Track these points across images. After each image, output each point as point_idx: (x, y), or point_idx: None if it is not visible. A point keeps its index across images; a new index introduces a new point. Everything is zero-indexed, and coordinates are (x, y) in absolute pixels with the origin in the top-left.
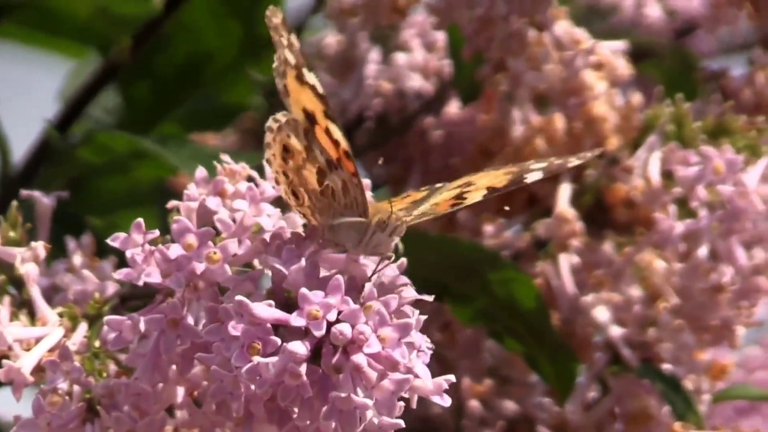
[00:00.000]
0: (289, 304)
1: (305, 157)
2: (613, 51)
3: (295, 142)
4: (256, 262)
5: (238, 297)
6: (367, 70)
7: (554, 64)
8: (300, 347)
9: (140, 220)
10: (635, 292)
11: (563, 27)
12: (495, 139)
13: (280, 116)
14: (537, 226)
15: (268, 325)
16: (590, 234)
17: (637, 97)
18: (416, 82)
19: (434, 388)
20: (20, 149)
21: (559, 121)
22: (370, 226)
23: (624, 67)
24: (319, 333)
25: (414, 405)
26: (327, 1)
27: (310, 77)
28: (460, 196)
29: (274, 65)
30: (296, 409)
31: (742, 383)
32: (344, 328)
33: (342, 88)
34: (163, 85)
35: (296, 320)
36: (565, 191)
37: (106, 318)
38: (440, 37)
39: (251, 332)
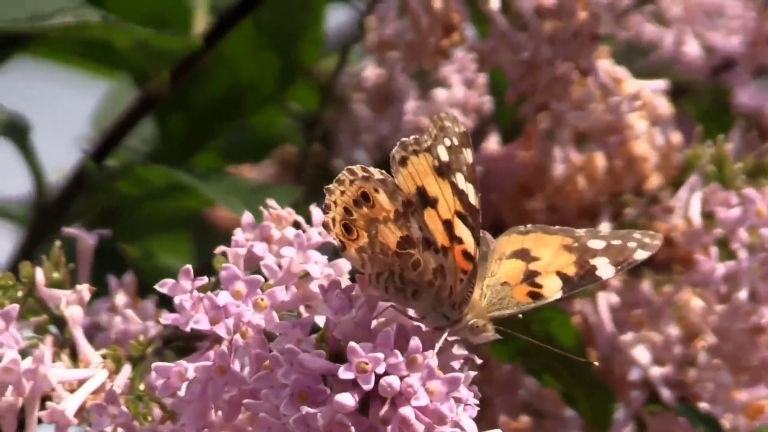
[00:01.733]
0: (340, 352)
1: (391, 218)
2: (653, 90)
3: (383, 199)
4: (301, 309)
5: (289, 345)
6: (406, 106)
7: (597, 104)
8: (348, 399)
9: (189, 267)
10: (673, 331)
11: (605, 65)
12: (535, 177)
13: (377, 172)
14: None
15: (319, 375)
16: (629, 273)
17: (676, 137)
18: None
19: None
20: (51, 165)
21: (599, 160)
22: (462, 322)
23: (665, 107)
24: (367, 387)
25: None
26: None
27: (466, 186)
28: (531, 281)
29: (406, 139)
30: None
31: None
32: (392, 380)
33: (380, 121)
34: (200, 117)
35: (344, 373)
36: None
37: (153, 365)
38: (481, 73)
39: (301, 381)
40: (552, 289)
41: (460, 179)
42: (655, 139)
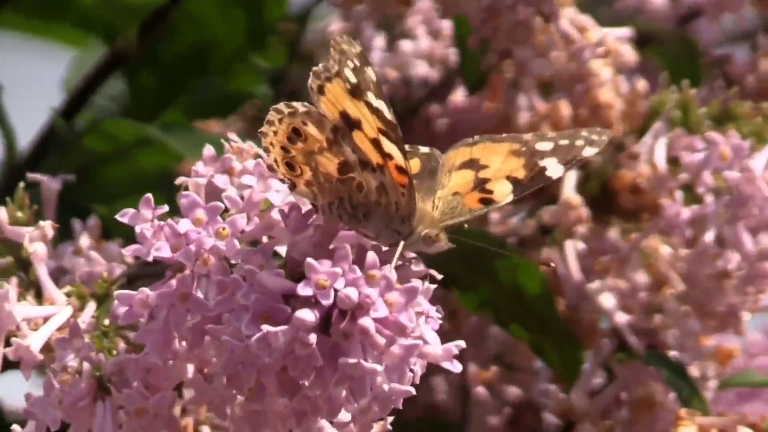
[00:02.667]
0: (300, 275)
1: (325, 146)
2: (618, 38)
3: (312, 131)
4: (264, 239)
5: (248, 267)
6: (372, 58)
7: (560, 52)
8: (309, 315)
9: (149, 195)
10: (641, 278)
11: (569, 14)
12: (501, 127)
13: (299, 105)
14: (542, 213)
15: (279, 295)
16: (596, 220)
17: (642, 84)
18: (422, 69)
19: (444, 354)
20: (23, 138)
21: (564, 108)
22: (414, 234)
23: (629, 54)
24: (326, 302)
25: (422, 371)
26: None
27: (378, 103)
28: (482, 188)
29: (317, 68)
30: (306, 379)
31: (745, 369)
32: (351, 292)
33: None
34: (169, 73)
35: (303, 289)
36: (570, 178)
37: (116, 293)
38: (446, 25)
39: (261, 301)
40: (502, 193)
41: (371, 98)
42: (620, 86)
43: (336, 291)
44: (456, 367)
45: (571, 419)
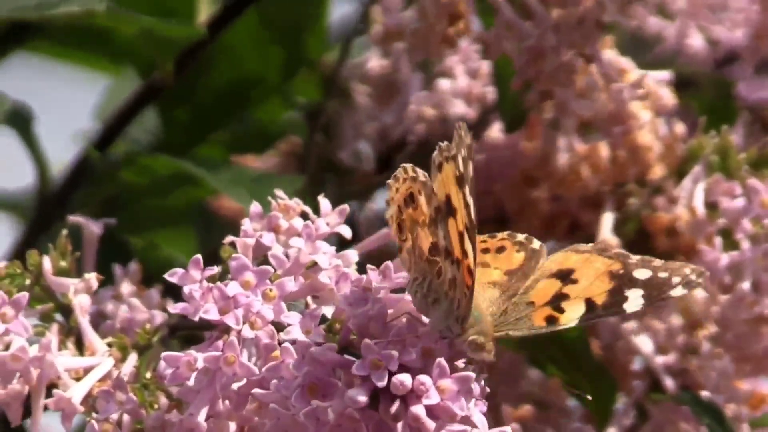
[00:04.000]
0: (350, 344)
1: (426, 222)
2: (657, 81)
3: (422, 203)
4: (309, 300)
5: (300, 337)
6: (411, 96)
7: (600, 93)
8: (360, 394)
9: (198, 257)
10: (676, 321)
11: (609, 56)
12: (539, 166)
13: (420, 172)
14: None
15: (330, 368)
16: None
17: (680, 127)
18: (459, 108)
19: None
20: (53, 163)
21: (603, 150)
22: (461, 338)
23: (668, 97)
24: (381, 384)
25: None
26: (372, 24)
27: (470, 199)
28: (557, 304)
29: (443, 144)
30: None
31: None
32: (405, 378)
33: (384, 111)
34: (204, 108)
35: (359, 369)
36: (608, 219)
37: (163, 354)
38: (484, 64)
39: (311, 373)
40: (570, 317)
41: (467, 192)
42: (658, 129)
43: (391, 374)
44: None
45: None
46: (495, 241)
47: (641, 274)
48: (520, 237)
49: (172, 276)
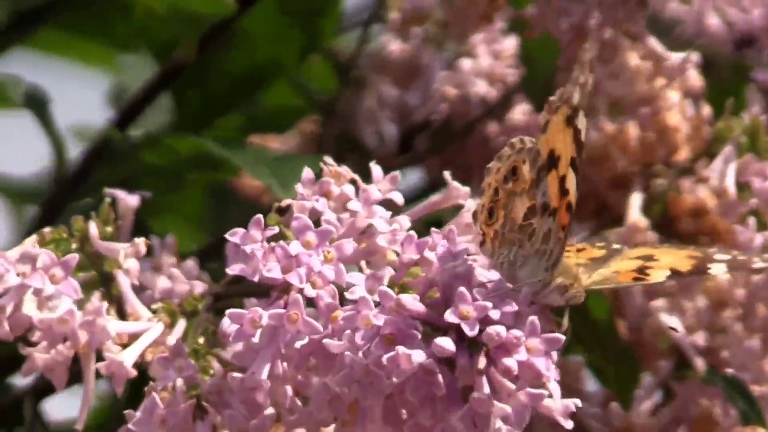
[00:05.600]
0: (432, 304)
1: (526, 188)
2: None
3: (526, 170)
4: (363, 264)
5: (383, 288)
6: (434, 77)
7: (631, 74)
8: (448, 343)
9: (260, 216)
10: (702, 302)
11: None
12: None
13: (528, 140)
14: (609, 235)
15: (410, 319)
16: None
17: (707, 109)
18: (481, 88)
19: (563, 409)
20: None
21: (632, 130)
22: (551, 284)
23: (696, 79)
24: (472, 333)
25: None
26: (387, 11)
27: (582, 121)
28: (642, 270)
29: (552, 98)
30: (418, 406)
31: None
32: (500, 329)
33: (407, 93)
34: (218, 92)
35: (450, 317)
36: (636, 200)
37: (227, 312)
38: (508, 44)
39: (393, 323)
40: (657, 276)
41: (581, 118)
42: (686, 110)
43: (484, 325)
44: (569, 424)
45: None
46: (574, 246)
47: (722, 256)
48: (599, 242)
49: (234, 236)
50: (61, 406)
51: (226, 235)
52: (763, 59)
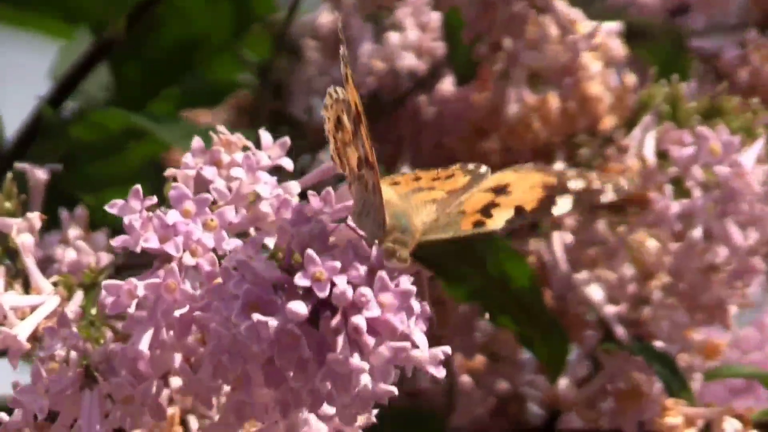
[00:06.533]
0: (292, 268)
1: (351, 139)
2: (607, 32)
3: (345, 121)
4: (251, 231)
5: (241, 257)
6: (361, 49)
7: (551, 44)
8: (301, 307)
9: (138, 187)
10: (628, 271)
11: (560, 7)
12: (490, 118)
13: (339, 90)
14: None
15: (270, 286)
16: (583, 213)
17: (631, 78)
18: (409, 61)
19: (430, 358)
20: (6, 130)
21: (553, 101)
22: (381, 246)
23: (619, 48)
24: (322, 294)
25: (409, 374)
26: None
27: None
28: (487, 210)
29: (342, 52)
30: (291, 370)
31: (737, 363)
32: (347, 289)
33: (334, 66)
34: (155, 65)
35: (301, 280)
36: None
37: (103, 283)
38: (434, 16)
39: (252, 291)
40: (497, 222)
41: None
42: (609, 80)
43: (333, 285)
44: (440, 372)
45: (557, 409)
46: (446, 171)
47: (576, 185)
48: (471, 165)
49: (112, 207)
50: None
51: (105, 207)
52: (697, 27)
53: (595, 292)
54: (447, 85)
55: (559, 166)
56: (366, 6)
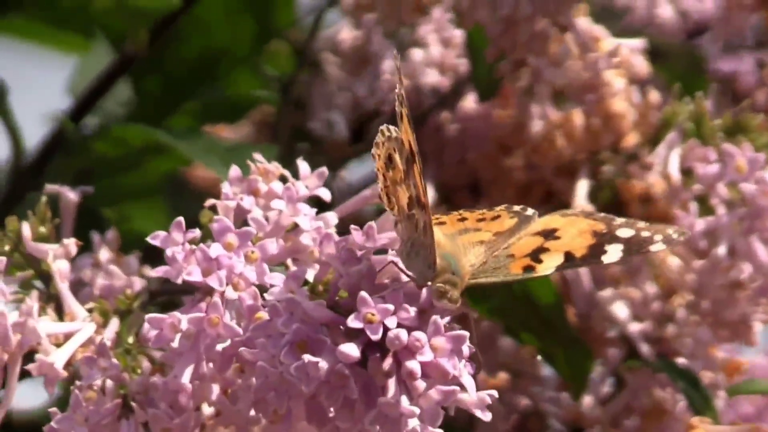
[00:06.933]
0: (337, 305)
1: (402, 178)
2: (631, 49)
3: (397, 160)
4: (289, 262)
5: (289, 295)
6: (383, 66)
7: (574, 61)
8: (353, 349)
9: (181, 219)
10: (651, 288)
11: (583, 25)
12: (514, 135)
13: (393, 129)
14: None
15: (319, 325)
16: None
17: (654, 95)
18: (432, 77)
19: (478, 401)
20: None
21: (577, 117)
22: (432, 287)
23: (642, 65)
24: (375, 337)
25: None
26: None
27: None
28: (536, 254)
29: (398, 91)
30: (337, 410)
31: (761, 379)
32: (401, 333)
33: (356, 82)
34: (175, 79)
35: (353, 322)
36: (583, 186)
37: (147, 316)
38: (457, 33)
39: (301, 330)
40: (547, 267)
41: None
42: (632, 97)
43: (386, 328)
44: (487, 416)
45: (580, 426)
46: (492, 212)
47: (624, 233)
48: (517, 207)
49: (155, 239)
50: None
51: (148, 239)
52: (715, 48)
53: (620, 310)
54: (469, 102)
55: (583, 185)
56: (388, 22)
